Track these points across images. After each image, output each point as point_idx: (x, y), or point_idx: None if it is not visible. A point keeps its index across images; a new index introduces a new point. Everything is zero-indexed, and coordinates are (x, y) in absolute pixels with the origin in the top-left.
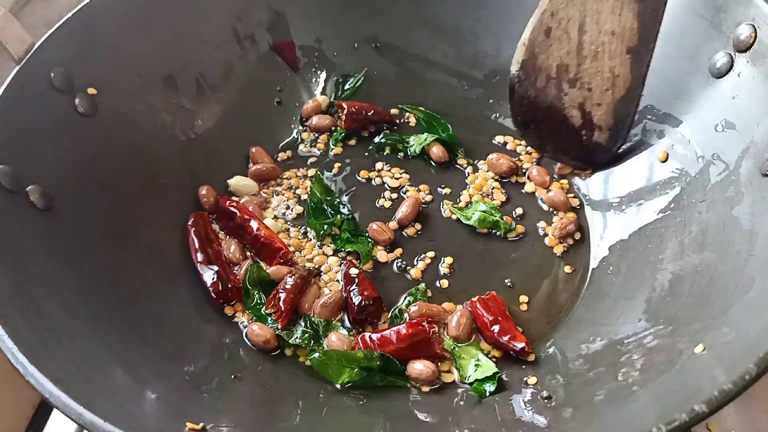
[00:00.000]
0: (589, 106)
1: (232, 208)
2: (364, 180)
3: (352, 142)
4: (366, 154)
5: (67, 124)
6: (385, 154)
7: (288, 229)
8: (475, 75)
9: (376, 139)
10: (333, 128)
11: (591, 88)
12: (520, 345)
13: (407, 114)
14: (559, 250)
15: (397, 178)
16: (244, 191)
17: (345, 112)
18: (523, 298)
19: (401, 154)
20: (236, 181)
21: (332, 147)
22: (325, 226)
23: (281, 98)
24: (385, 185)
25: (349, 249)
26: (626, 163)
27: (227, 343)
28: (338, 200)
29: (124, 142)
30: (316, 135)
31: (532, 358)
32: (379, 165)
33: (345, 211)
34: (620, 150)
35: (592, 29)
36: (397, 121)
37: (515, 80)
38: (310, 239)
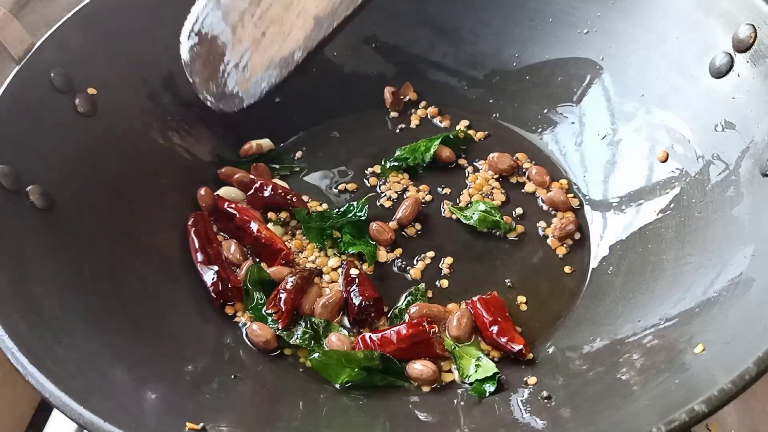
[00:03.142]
0: (253, 48)
1: (231, 210)
2: (365, 180)
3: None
4: (367, 156)
5: (67, 124)
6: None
7: (290, 231)
8: (475, 75)
9: (388, 165)
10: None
11: (265, 33)
12: (518, 347)
13: (410, 117)
14: (561, 251)
15: (397, 180)
16: (237, 200)
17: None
18: (523, 298)
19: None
20: (226, 192)
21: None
22: (326, 233)
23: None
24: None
25: (353, 251)
26: (626, 163)
27: (227, 344)
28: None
29: (125, 142)
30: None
31: (530, 356)
32: (377, 168)
33: (360, 213)
34: (243, 107)
35: None
36: (402, 126)
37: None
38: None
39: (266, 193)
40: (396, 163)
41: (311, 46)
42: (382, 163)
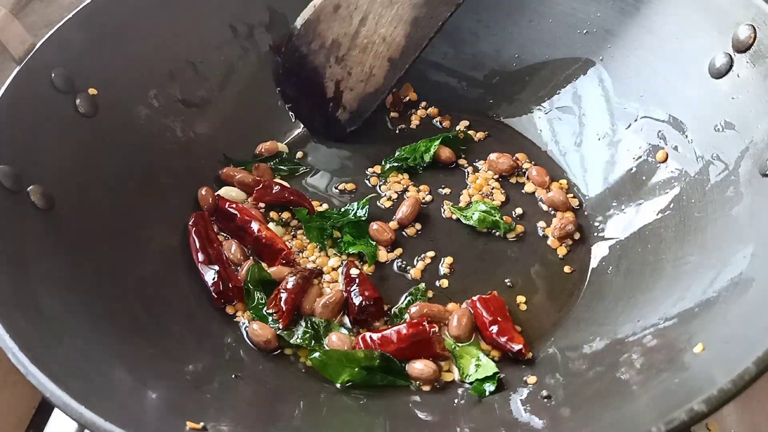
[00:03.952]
0: (344, 86)
1: (232, 210)
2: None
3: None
4: (367, 156)
5: (67, 124)
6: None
7: (291, 231)
8: (474, 75)
9: (388, 165)
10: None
11: (351, 73)
12: (517, 347)
13: (410, 117)
14: (561, 251)
15: (397, 180)
16: (237, 200)
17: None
18: (523, 298)
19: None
20: (226, 192)
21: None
22: (326, 233)
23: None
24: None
25: (353, 251)
26: (626, 163)
27: (228, 343)
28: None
29: (125, 142)
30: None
31: (530, 356)
32: (377, 168)
33: (361, 213)
34: (349, 131)
35: (371, 26)
36: (402, 126)
37: (295, 31)
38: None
39: (274, 190)
40: (396, 164)
41: (390, 84)
42: (382, 163)
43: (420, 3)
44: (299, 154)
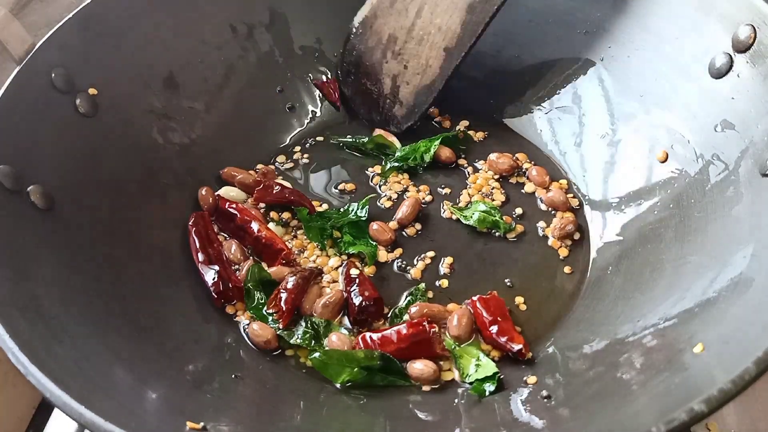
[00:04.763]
0: (400, 80)
1: (231, 210)
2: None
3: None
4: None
5: (68, 124)
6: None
7: (291, 231)
8: (475, 75)
9: (389, 165)
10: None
11: (407, 66)
12: (517, 346)
13: None
14: (561, 252)
15: (398, 180)
16: (237, 200)
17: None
18: (523, 298)
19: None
20: (225, 191)
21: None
22: (326, 232)
23: (292, 104)
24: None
25: (353, 251)
26: (626, 163)
27: (228, 343)
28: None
29: (125, 142)
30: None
31: (530, 356)
32: (377, 168)
33: (361, 213)
34: (406, 128)
35: (426, 17)
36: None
37: (353, 30)
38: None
39: (275, 190)
40: (396, 164)
41: (447, 74)
42: (383, 163)
43: None
44: (299, 155)
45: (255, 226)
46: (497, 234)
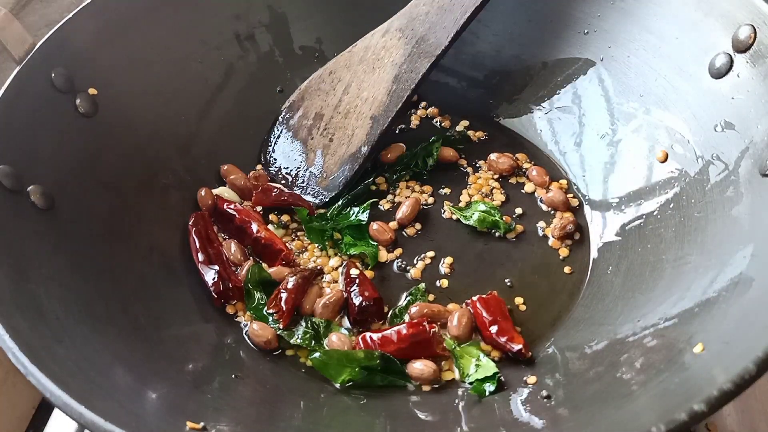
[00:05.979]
0: (325, 153)
1: (230, 211)
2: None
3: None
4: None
5: (68, 124)
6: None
7: (292, 232)
8: (474, 75)
9: (395, 176)
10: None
11: (332, 139)
12: (517, 346)
13: (410, 117)
14: (562, 252)
15: (407, 187)
16: (234, 199)
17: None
18: (523, 298)
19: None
20: (222, 191)
21: None
22: (327, 233)
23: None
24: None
25: (354, 252)
26: (626, 163)
27: (228, 343)
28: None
29: (125, 142)
30: None
31: (530, 356)
32: (381, 180)
33: (362, 216)
34: (326, 200)
35: (353, 92)
36: (402, 126)
37: (282, 113)
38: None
39: (273, 193)
40: (402, 173)
41: (373, 140)
42: (386, 175)
43: (400, 61)
44: None
45: (254, 226)
46: (497, 234)
